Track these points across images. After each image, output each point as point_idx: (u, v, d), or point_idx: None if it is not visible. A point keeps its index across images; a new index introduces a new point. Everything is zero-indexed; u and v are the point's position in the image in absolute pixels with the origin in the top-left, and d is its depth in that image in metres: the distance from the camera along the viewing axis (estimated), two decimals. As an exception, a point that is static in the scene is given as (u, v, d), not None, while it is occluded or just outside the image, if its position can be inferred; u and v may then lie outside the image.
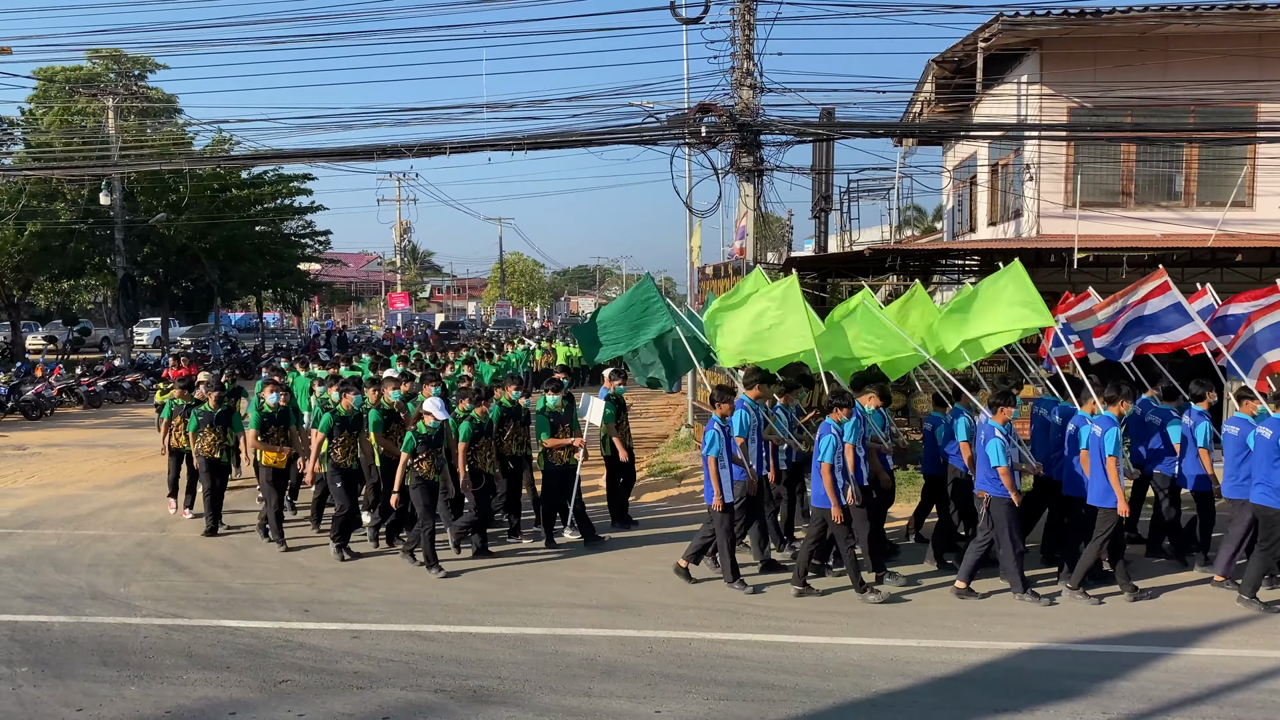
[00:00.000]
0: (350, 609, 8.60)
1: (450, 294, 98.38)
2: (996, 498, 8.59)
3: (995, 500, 8.59)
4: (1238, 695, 6.68)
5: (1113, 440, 8.50)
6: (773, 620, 8.24)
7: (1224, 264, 15.32)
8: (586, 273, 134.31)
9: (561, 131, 15.76)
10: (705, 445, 8.91)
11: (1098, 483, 8.61)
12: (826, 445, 8.57)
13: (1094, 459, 8.66)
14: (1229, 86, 15.45)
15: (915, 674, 7.05)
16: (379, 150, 15.57)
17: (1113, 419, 8.69)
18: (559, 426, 10.67)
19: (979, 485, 8.83)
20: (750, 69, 15.03)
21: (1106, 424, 8.61)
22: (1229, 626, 8.09)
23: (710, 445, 8.86)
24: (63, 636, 7.87)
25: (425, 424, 9.69)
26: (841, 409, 8.76)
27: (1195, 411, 9.69)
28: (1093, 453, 8.68)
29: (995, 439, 8.57)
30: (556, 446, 10.59)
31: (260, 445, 10.83)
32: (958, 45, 17.39)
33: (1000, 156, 18.99)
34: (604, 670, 7.12)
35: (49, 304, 42.16)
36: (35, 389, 22.86)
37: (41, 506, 12.92)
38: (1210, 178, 16.59)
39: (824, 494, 8.60)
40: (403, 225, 60.50)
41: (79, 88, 31.81)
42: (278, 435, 10.97)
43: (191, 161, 25.98)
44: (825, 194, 20.84)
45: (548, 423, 10.61)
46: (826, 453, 8.55)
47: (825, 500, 8.61)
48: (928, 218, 43.75)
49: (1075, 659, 7.37)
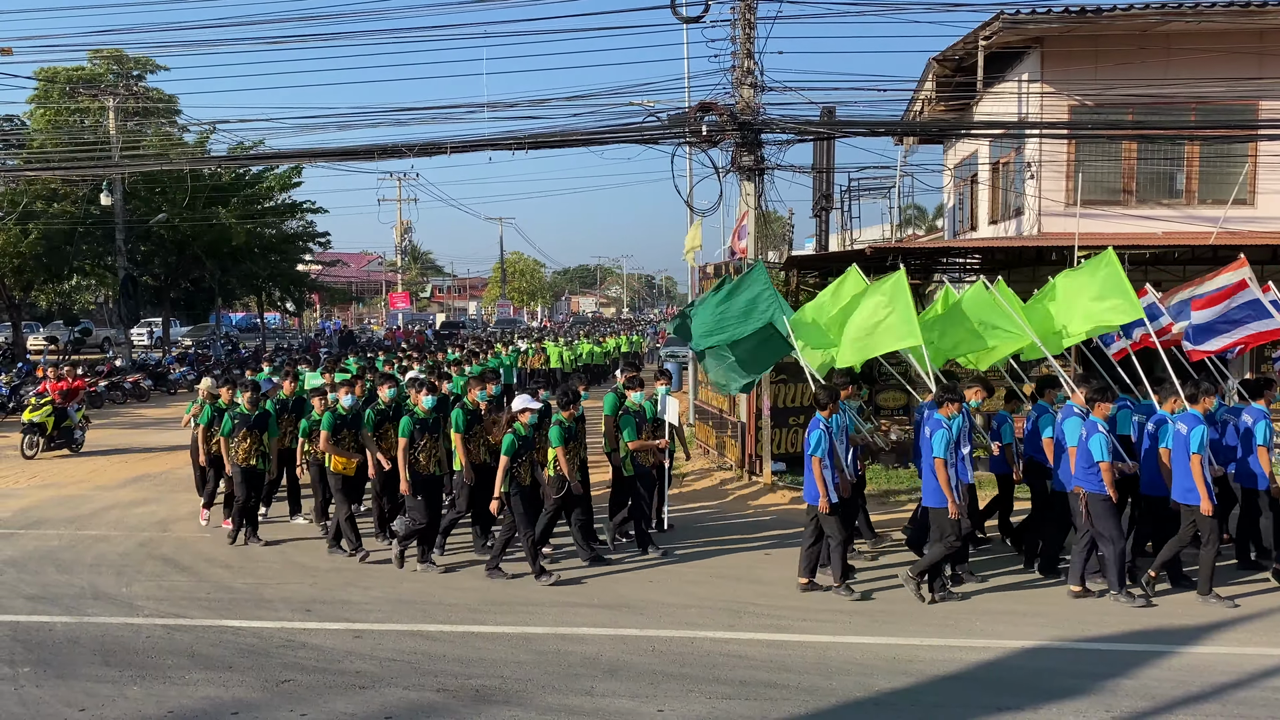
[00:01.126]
0: (352, 608, 8.60)
1: (451, 294, 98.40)
2: (1094, 494, 8.47)
3: (1093, 496, 8.47)
4: (1241, 693, 6.67)
5: (1198, 438, 8.40)
6: (775, 619, 8.23)
7: (1225, 262, 15.26)
8: (587, 272, 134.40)
9: (562, 131, 15.76)
10: (810, 446, 8.73)
11: (1182, 481, 8.51)
12: (940, 440, 8.46)
13: (1179, 457, 8.54)
14: (1230, 84, 15.44)
15: (918, 672, 7.04)
16: (379, 150, 15.55)
17: (1198, 416, 8.58)
18: (643, 427, 10.34)
19: (1075, 482, 8.64)
20: (751, 68, 15.01)
21: (1192, 421, 8.49)
22: (1232, 625, 8.08)
23: (816, 446, 8.71)
24: (65, 636, 7.87)
25: (523, 423, 9.29)
26: (952, 404, 8.70)
27: (1255, 410, 9.35)
28: (1178, 450, 8.57)
29: (1099, 434, 8.44)
30: (642, 449, 10.27)
31: (332, 450, 10.27)
32: (958, 43, 17.38)
33: (1001, 155, 18.99)
34: (607, 669, 7.11)
35: (50, 305, 42.18)
36: (37, 390, 22.81)
37: (43, 507, 12.92)
38: (1212, 175, 16.58)
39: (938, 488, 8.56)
40: (403, 225, 60.54)
41: (80, 88, 31.84)
42: (349, 440, 10.44)
43: (191, 161, 25.95)
44: (826, 193, 20.80)
45: (633, 422, 10.27)
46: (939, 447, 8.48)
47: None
48: (929, 216, 43.75)
49: (1078, 657, 7.36)
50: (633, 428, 10.25)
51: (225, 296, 45.53)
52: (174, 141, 32.84)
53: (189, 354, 33.80)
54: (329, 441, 10.25)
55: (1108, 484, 8.44)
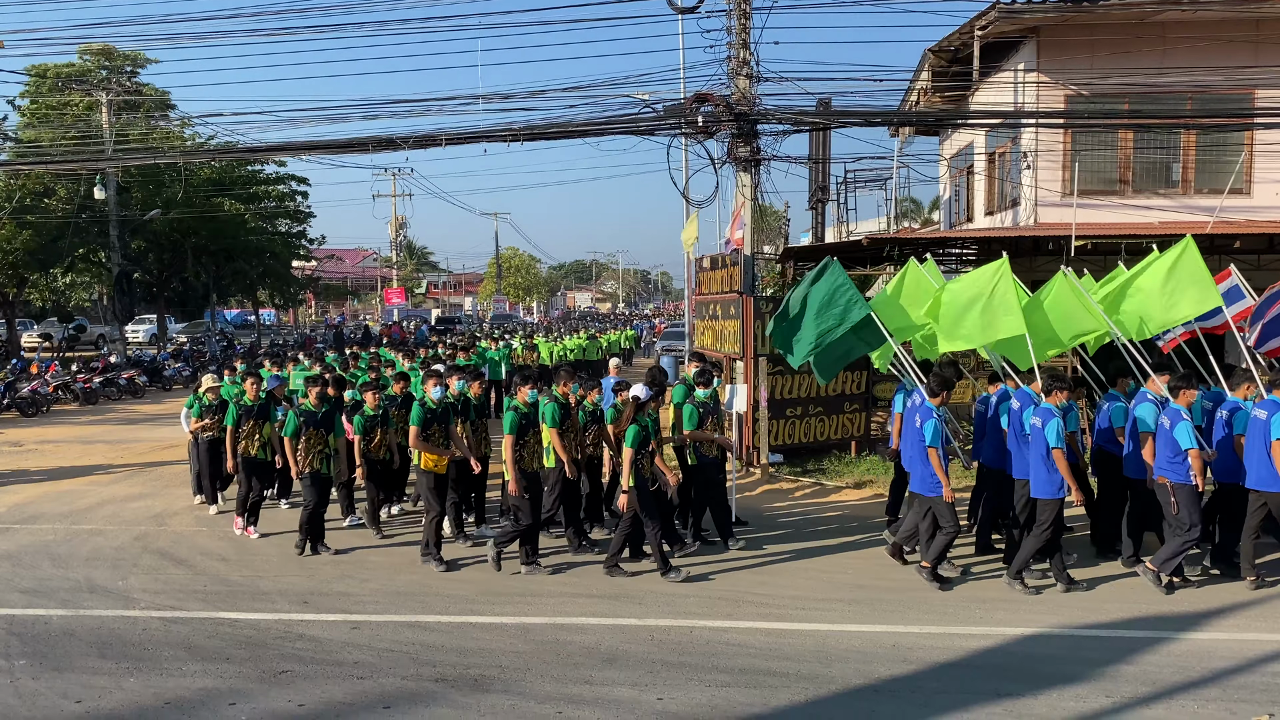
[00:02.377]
0: (349, 600, 8.56)
1: (447, 289, 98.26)
2: (1180, 484, 8.41)
3: (1178, 486, 8.41)
4: (1241, 679, 6.66)
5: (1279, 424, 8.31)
6: (774, 608, 8.21)
7: (1222, 251, 15.28)
8: (583, 267, 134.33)
9: (558, 122, 15.69)
10: (928, 437, 8.64)
11: (1261, 468, 8.43)
12: (1053, 429, 8.42)
13: (1256, 442, 8.47)
14: (1226, 73, 15.43)
15: (918, 659, 7.02)
16: (374, 142, 15.47)
17: (1278, 403, 8.48)
18: (707, 419, 10.20)
19: (1160, 471, 8.56)
20: (746, 58, 14.95)
21: (1272, 408, 8.41)
22: (1232, 610, 8.08)
23: (934, 436, 8.64)
24: (61, 629, 7.82)
25: (650, 412, 9.08)
26: (1062, 392, 8.70)
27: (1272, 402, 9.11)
28: (1255, 437, 8.49)
29: (1184, 422, 8.38)
30: (702, 439, 10.09)
31: (422, 446, 9.61)
32: (954, 34, 17.36)
33: (997, 145, 18.96)
34: (605, 658, 7.08)
35: (44, 301, 42.03)
36: (31, 386, 22.78)
37: (38, 502, 12.86)
38: (1208, 165, 16.57)
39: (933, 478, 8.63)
40: (398, 221, 60.33)
41: (71, 84, 31.71)
42: (439, 435, 9.79)
43: (184, 155, 25.86)
44: (822, 184, 20.81)
45: (696, 414, 10.11)
46: None
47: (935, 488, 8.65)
48: (924, 210, 43.75)
49: (1078, 644, 7.35)
50: (695, 417, 10.09)
51: (219, 293, 45.42)
52: (168, 134, 32.71)
53: (184, 350, 33.70)
54: (419, 437, 9.57)
55: (1196, 472, 8.37)
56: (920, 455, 8.80)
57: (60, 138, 29.53)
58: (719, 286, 16.05)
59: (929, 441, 8.65)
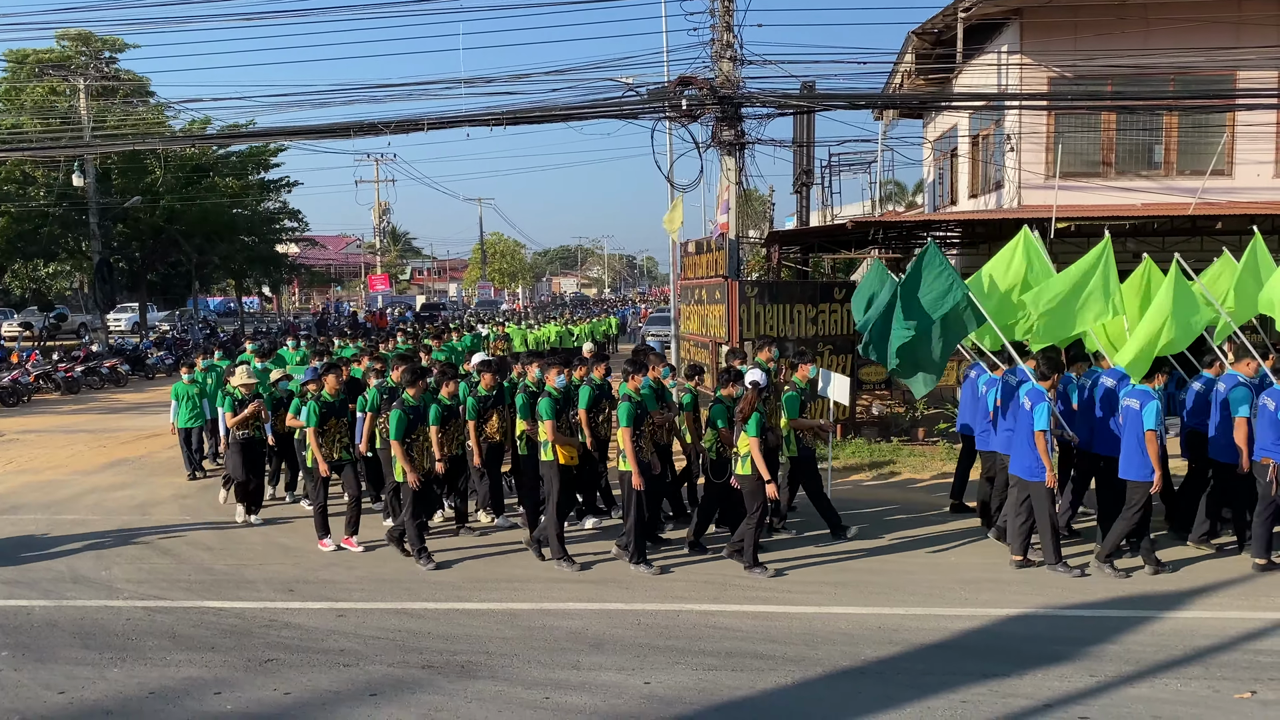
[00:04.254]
0: (335, 588, 8.53)
1: (431, 276, 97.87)
2: None
3: None
4: (1223, 656, 6.71)
5: None
6: (760, 591, 8.23)
7: (1204, 232, 15.37)
8: (568, 252, 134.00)
9: (541, 106, 15.60)
10: (1037, 421, 8.43)
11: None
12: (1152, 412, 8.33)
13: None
14: (1208, 54, 15.45)
15: (904, 641, 7.05)
16: (356, 127, 15.34)
17: (1149, 392, 8.52)
18: (806, 406, 9.96)
19: (1265, 452, 8.48)
20: (730, 41, 14.90)
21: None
22: (1214, 589, 8.14)
23: (1042, 419, 8.45)
24: (43, 620, 7.77)
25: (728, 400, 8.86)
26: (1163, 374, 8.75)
27: None
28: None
29: None
30: (804, 427, 9.79)
31: (558, 439, 8.97)
32: (938, 16, 17.33)
33: (981, 128, 18.98)
34: (592, 643, 7.08)
35: (24, 291, 41.68)
36: (12, 375, 22.57)
37: (20, 492, 12.76)
38: (1190, 146, 16.63)
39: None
40: (381, 206, 59.99)
41: (49, 70, 31.33)
42: (566, 425, 9.28)
43: (165, 141, 25.61)
44: (807, 168, 20.79)
45: (798, 400, 9.68)
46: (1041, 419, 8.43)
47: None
48: (908, 193, 43.80)
49: (1063, 624, 7.39)
50: (796, 404, 9.64)
51: (202, 281, 45.08)
52: (148, 119, 32.37)
53: (166, 339, 33.47)
54: (555, 429, 8.97)
55: None
56: (1027, 439, 8.59)
57: (39, 125, 29.18)
58: (704, 271, 16.03)
59: (1039, 425, 8.44)
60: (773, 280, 18.61)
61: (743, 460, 8.60)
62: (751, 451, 8.50)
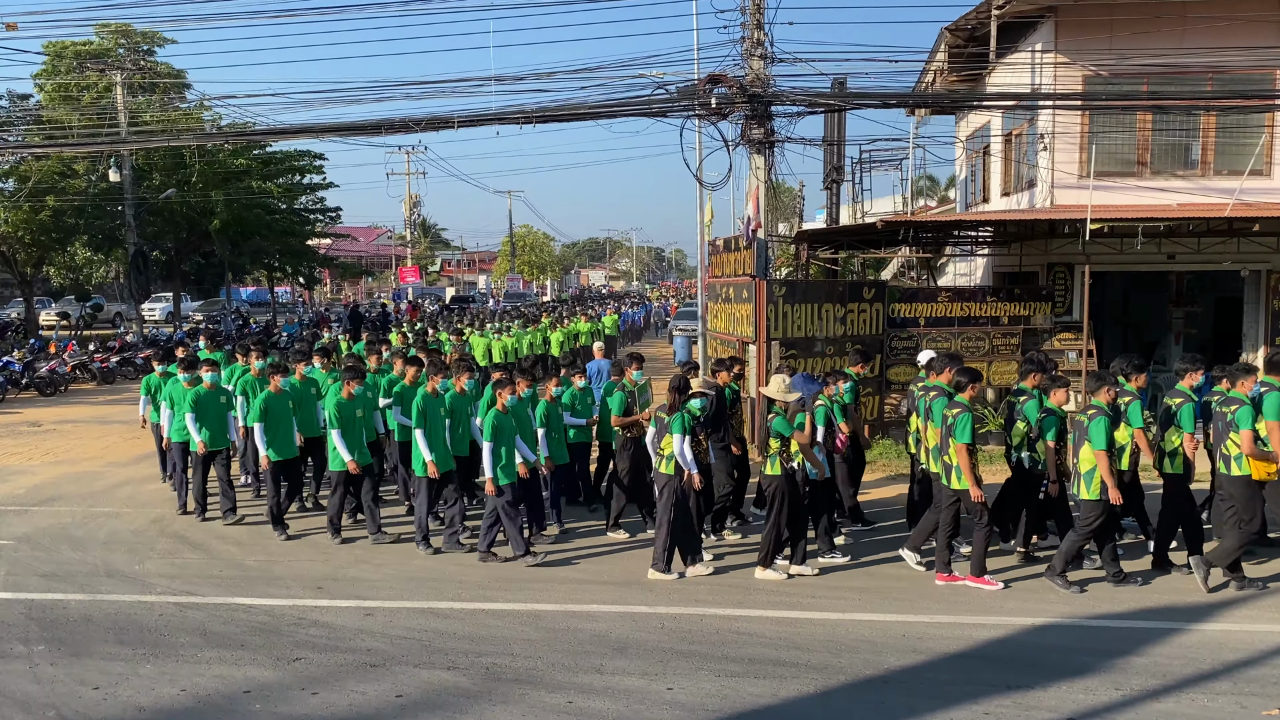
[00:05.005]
0: (363, 585, 8.64)
1: (460, 268, 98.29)
2: None
3: None
4: (1252, 671, 6.65)
5: None
6: (784, 596, 8.24)
7: (1241, 234, 15.17)
8: (597, 245, 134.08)
9: (570, 104, 15.62)
10: (1097, 439, 8.23)
11: None
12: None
13: None
14: (1247, 53, 15.19)
15: (928, 650, 7.04)
16: (387, 124, 15.44)
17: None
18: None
19: None
20: (761, 39, 14.82)
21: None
22: (1243, 601, 8.06)
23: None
24: (79, 614, 7.92)
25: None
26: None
27: None
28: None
29: None
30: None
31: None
32: (971, 13, 17.16)
33: (1014, 126, 18.78)
34: (616, 647, 7.13)
35: (62, 280, 42.27)
36: (49, 365, 22.97)
37: (57, 483, 13.00)
38: (1227, 146, 16.37)
39: None
40: (412, 199, 60.37)
41: (88, 62, 31.70)
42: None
43: (200, 138, 25.88)
44: (837, 165, 20.66)
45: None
46: None
47: None
48: (940, 187, 43.47)
49: (1088, 634, 7.35)
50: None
51: (235, 271, 45.50)
52: (185, 114, 32.70)
53: (200, 329, 33.85)
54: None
55: None
56: None
57: (78, 120, 29.55)
58: (732, 269, 16.01)
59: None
60: (801, 280, 18.54)
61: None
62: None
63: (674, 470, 8.68)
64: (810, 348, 14.29)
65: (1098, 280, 15.99)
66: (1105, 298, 19.72)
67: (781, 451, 8.55)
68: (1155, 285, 20.01)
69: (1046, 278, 16.92)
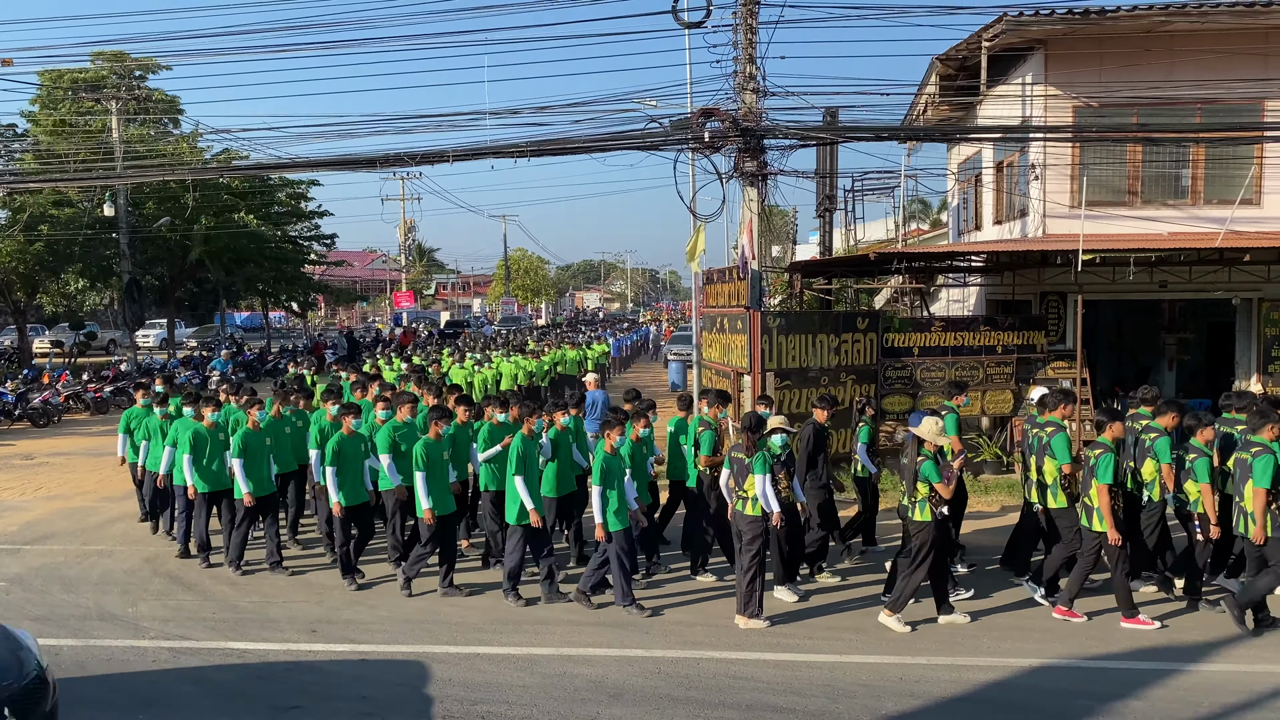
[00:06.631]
0: (357, 628, 8.58)
1: (456, 291, 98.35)
2: None
3: None
4: (1251, 715, 6.64)
5: None
6: (781, 638, 8.20)
7: (1232, 263, 15.23)
8: (591, 268, 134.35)
9: (564, 137, 15.70)
10: (1099, 471, 8.36)
11: None
12: None
13: None
14: (1235, 84, 15.33)
15: (925, 694, 7.01)
16: (383, 159, 15.53)
17: None
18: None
19: None
20: (753, 73, 14.93)
21: None
22: (1241, 642, 8.05)
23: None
24: (71, 661, 7.85)
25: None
26: None
27: None
28: None
29: None
30: None
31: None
32: (961, 44, 17.29)
33: (1005, 156, 18.90)
34: (612, 693, 7.09)
35: (55, 308, 42.26)
36: (43, 396, 22.91)
37: (50, 520, 12.94)
38: (1217, 176, 16.47)
39: None
40: (407, 224, 60.46)
41: (83, 90, 31.79)
42: None
43: (197, 172, 25.94)
44: (830, 194, 20.75)
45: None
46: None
47: None
48: (933, 209, 43.62)
49: (1085, 676, 7.33)
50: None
51: (230, 297, 45.50)
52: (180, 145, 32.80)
53: (194, 357, 33.81)
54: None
55: None
56: None
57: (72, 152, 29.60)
58: (726, 300, 16.04)
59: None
60: (795, 310, 18.58)
61: None
62: None
63: (760, 512, 8.46)
64: (804, 376, 14.31)
65: (1090, 307, 16.03)
66: (1098, 324, 19.77)
67: (931, 497, 8.41)
68: (1148, 311, 20.07)
69: (1040, 306, 16.98)
